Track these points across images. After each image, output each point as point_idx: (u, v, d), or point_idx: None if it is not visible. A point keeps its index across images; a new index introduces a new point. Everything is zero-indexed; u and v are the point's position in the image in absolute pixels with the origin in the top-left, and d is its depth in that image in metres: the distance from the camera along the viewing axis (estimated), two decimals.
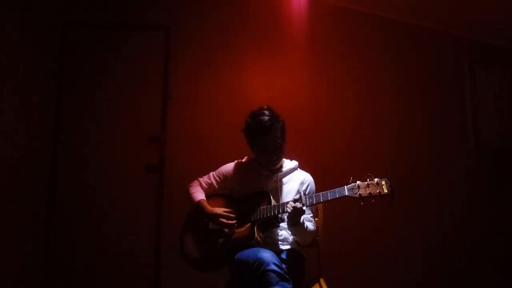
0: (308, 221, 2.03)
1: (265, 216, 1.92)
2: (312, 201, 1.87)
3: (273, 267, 1.65)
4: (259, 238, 1.89)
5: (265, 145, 2.01)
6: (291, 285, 1.66)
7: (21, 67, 2.65)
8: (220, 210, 1.99)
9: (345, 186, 1.81)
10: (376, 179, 1.78)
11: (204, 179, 2.18)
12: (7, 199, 2.47)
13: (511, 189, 3.22)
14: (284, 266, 1.71)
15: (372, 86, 3.22)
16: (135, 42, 3.12)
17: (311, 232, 2.01)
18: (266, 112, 2.02)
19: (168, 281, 2.88)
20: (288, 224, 1.94)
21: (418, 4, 3.09)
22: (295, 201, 1.85)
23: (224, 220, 1.96)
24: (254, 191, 2.04)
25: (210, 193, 2.16)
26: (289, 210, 1.83)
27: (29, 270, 2.74)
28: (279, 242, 2.01)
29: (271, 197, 1.97)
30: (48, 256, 2.88)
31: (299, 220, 1.87)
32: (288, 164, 2.18)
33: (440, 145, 3.22)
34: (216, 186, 2.17)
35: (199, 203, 2.04)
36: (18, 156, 2.59)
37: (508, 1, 2.85)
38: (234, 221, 1.97)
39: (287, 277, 1.66)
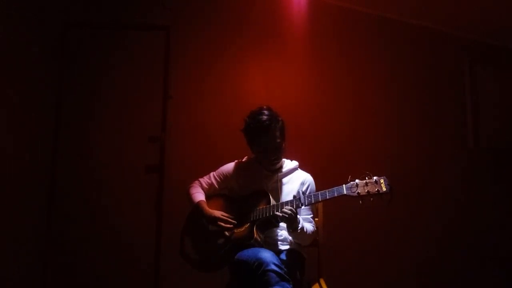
0: (308, 222, 2.03)
1: (264, 216, 1.92)
2: (311, 200, 1.86)
3: (273, 267, 1.65)
4: (258, 238, 1.89)
5: (264, 144, 2.01)
6: (291, 285, 1.66)
7: (21, 67, 2.65)
8: (218, 213, 1.99)
9: (344, 185, 1.81)
10: (374, 178, 1.77)
11: (204, 180, 2.18)
12: (7, 199, 2.47)
13: (510, 189, 3.22)
14: (284, 266, 1.71)
15: (372, 86, 3.22)
16: (135, 42, 3.12)
17: (311, 233, 2.00)
18: (265, 112, 2.02)
19: (168, 281, 2.88)
20: (288, 231, 1.94)
21: (418, 4, 3.09)
22: (292, 200, 1.84)
23: (222, 224, 1.96)
24: (253, 191, 2.04)
25: (211, 193, 2.16)
26: (282, 215, 1.82)
27: (29, 270, 2.74)
28: (279, 242, 2.01)
29: (270, 197, 1.97)
30: (48, 256, 2.88)
31: (296, 227, 1.87)
32: (288, 164, 2.17)
33: (440, 144, 3.22)
34: (217, 186, 2.17)
35: (198, 205, 2.04)
36: (18, 156, 2.60)
37: (508, 1, 2.85)
38: (232, 225, 1.96)
39: (287, 277, 1.66)
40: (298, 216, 1.90)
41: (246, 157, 2.22)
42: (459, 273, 3.06)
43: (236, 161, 2.22)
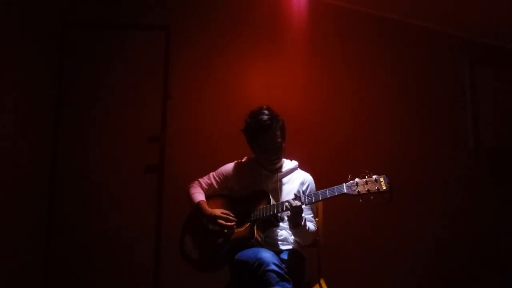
0: (309, 221, 2.02)
1: (264, 215, 1.92)
2: (311, 199, 1.86)
3: (273, 267, 1.65)
4: (258, 238, 1.89)
5: (265, 144, 2.01)
6: (291, 285, 1.66)
7: (21, 66, 2.65)
8: (218, 212, 1.99)
9: (344, 184, 1.81)
10: (374, 176, 1.77)
11: (204, 180, 2.18)
12: (7, 199, 2.47)
13: (510, 189, 3.22)
14: (284, 266, 1.71)
15: (371, 86, 3.22)
16: (135, 42, 3.12)
17: (312, 233, 2.00)
18: (266, 112, 2.02)
19: (168, 281, 2.88)
20: (289, 226, 1.94)
21: (418, 4, 3.09)
22: (294, 198, 1.84)
23: (223, 222, 1.95)
24: (253, 191, 2.04)
25: (210, 194, 2.15)
26: (287, 213, 1.83)
27: (29, 269, 2.74)
28: (279, 242, 2.01)
29: (270, 197, 1.97)
30: (48, 256, 2.88)
31: (300, 222, 1.87)
32: (288, 164, 2.17)
33: (440, 145, 3.22)
34: (216, 187, 2.17)
35: (198, 204, 2.04)
36: (18, 156, 2.60)
37: (508, 1, 2.85)
38: (233, 223, 1.96)
39: (287, 277, 1.66)
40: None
41: (245, 157, 2.22)
42: (459, 273, 3.06)
43: (235, 161, 2.22)
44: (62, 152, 2.99)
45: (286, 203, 1.84)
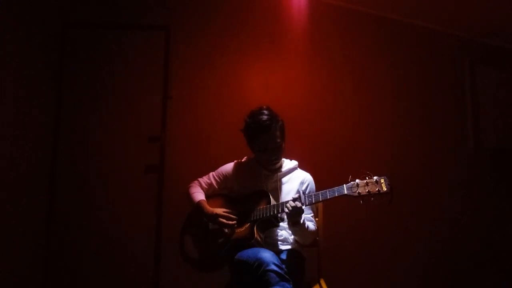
0: (309, 221, 2.03)
1: (264, 215, 1.92)
2: (312, 200, 1.86)
3: (273, 267, 1.65)
4: (258, 238, 1.89)
5: (264, 144, 2.01)
6: (291, 285, 1.66)
7: (21, 67, 2.65)
8: (219, 211, 1.99)
9: (344, 185, 1.80)
10: (375, 177, 1.77)
11: (203, 180, 2.18)
12: (7, 199, 2.47)
13: (510, 189, 3.22)
14: (284, 266, 1.71)
15: (371, 86, 3.22)
16: (135, 42, 3.12)
17: (312, 232, 2.00)
18: (265, 112, 2.02)
19: (168, 281, 2.88)
20: (288, 224, 1.94)
21: (418, 4, 3.09)
22: (294, 200, 1.85)
23: (224, 220, 1.96)
24: (253, 191, 2.04)
25: (210, 194, 2.16)
26: (286, 211, 1.83)
27: (29, 270, 2.74)
28: (279, 242, 2.01)
29: (271, 197, 1.97)
30: (48, 256, 2.88)
31: (299, 220, 1.87)
32: (287, 164, 2.17)
33: (440, 145, 3.21)
34: (216, 186, 2.17)
35: (198, 204, 2.04)
36: (18, 156, 2.60)
37: (508, 1, 2.85)
38: (233, 222, 1.97)
39: (287, 277, 1.66)
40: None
41: (245, 157, 2.22)
42: (459, 274, 3.05)
43: (235, 161, 2.22)
44: (62, 152, 2.99)
45: (287, 206, 1.84)
